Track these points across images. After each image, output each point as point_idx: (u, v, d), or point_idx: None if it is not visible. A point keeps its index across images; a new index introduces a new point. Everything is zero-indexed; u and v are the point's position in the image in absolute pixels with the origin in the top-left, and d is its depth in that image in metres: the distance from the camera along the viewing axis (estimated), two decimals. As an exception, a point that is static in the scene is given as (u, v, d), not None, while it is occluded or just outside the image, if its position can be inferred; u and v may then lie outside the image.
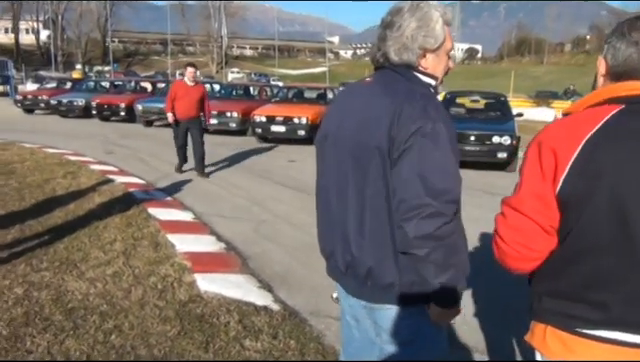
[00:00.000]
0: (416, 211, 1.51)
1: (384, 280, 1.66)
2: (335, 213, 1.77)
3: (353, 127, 1.71)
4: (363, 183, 1.66)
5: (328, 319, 3.69)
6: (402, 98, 1.60)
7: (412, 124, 1.54)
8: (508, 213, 1.46)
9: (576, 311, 1.40)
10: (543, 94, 34.86)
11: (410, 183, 1.53)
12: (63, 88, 23.04)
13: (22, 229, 5.27)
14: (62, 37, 71.14)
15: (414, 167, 1.53)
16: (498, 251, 1.50)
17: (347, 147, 1.71)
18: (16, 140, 11.86)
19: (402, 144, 1.55)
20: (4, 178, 7.68)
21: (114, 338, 3.24)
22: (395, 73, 1.71)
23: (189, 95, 8.55)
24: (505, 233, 1.46)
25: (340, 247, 1.76)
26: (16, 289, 3.86)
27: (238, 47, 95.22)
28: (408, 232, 1.52)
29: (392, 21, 1.69)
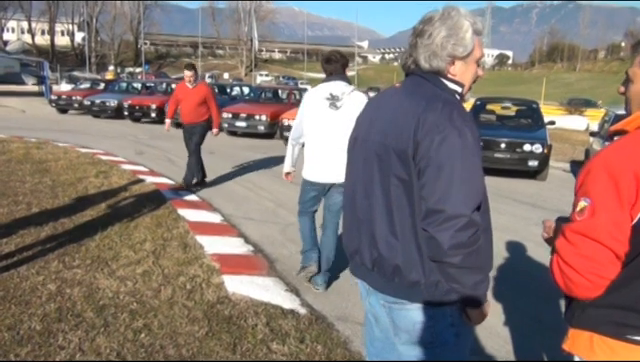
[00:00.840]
0: (451, 222, 1.53)
1: (410, 278, 1.68)
2: (361, 211, 1.81)
3: (380, 130, 1.76)
4: (388, 184, 1.69)
5: (355, 325, 3.67)
6: (426, 103, 1.64)
7: (438, 133, 1.57)
8: (578, 241, 1.41)
9: (629, 320, 1.40)
10: (576, 102, 34.15)
11: (442, 194, 1.55)
12: (96, 89, 23.54)
13: (55, 226, 5.39)
14: (96, 39, 72.64)
15: (445, 178, 1.55)
16: (565, 281, 1.45)
17: (373, 149, 1.76)
18: (50, 139, 12.16)
19: (428, 152, 1.58)
20: (39, 176, 7.87)
21: (143, 337, 3.28)
22: (423, 79, 1.75)
23: (188, 98, 7.72)
24: (576, 262, 1.41)
25: (367, 244, 1.79)
26: (49, 285, 3.94)
27: (267, 50, 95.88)
28: (442, 243, 1.54)
29: (423, 29, 1.73)
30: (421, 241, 1.64)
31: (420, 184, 1.61)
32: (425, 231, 1.59)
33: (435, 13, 1.74)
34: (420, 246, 1.65)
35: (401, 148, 1.64)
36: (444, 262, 1.57)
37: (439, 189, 1.55)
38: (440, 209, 1.54)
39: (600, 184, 1.39)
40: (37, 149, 10.53)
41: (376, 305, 1.85)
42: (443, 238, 1.54)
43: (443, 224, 1.54)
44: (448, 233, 1.53)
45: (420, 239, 1.64)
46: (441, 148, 1.55)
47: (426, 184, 1.58)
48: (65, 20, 76.24)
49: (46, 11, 73.05)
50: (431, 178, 1.57)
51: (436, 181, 1.56)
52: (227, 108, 16.05)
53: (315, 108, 4.15)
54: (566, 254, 1.43)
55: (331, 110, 4.08)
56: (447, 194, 1.54)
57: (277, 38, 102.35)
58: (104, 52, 73.85)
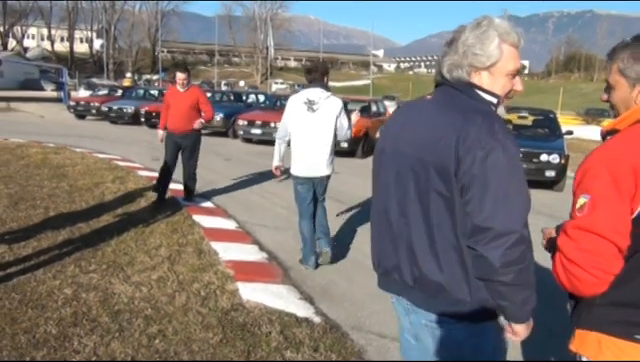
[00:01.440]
0: (501, 240, 1.50)
1: (455, 296, 1.64)
2: (397, 228, 1.76)
3: (414, 143, 1.70)
4: (427, 200, 1.65)
5: (370, 335, 3.65)
6: (465, 117, 1.58)
7: (481, 148, 1.52)
8: (579, 236, 1.41)
9: (636, 318, 1.40)
10: (593, 111, 33.81)
11: (490, 211, 1.51)
12: (114, 95, 23.83)
13: (72, 231, 5.43)
14: (114, 46, 73.62)
15: (492, 195, 1.51)
16: (570, 278, 1.45)
17: (408, 163, 1.71)
18: (68, 144, 12.30)
19: (472, 168, 1.53)
20: (56, 181, 7.95)
21: (158, 342, 3.28)
22: (455, 90, 1.70)
23: (179, 102, 6.90)
24: (578, 257, 1.41)
25: (407, 262, 1.73)
26: (65, 289, 3.97)
27: (283, 58, 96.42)
28: (493, 261, 1.50)
29: (453, 38, 1.70)
30: (465, 258, 1.60)
31: (464, 201, 1.56)
32: (472, 249, 1.55)
33: (466, 25, 1.71)
34: (464, 263, 1.61)
35: (441, 164, 1.59)
36: (495, 280, 1.53)
37: (486, 206, 1.51)
38: (489, 227, 1.51)
39: (599, 179, 1.41)
40: (55, 154, 10.66)
41: (417, 324, 1.79)
42: (493, 256, 1.50)
43: (493, 242, 1.50)
44: (498, 251, 1.50)
45: (465, 256, 1.60)
46: (485, 164, 1.51)
47: (471, 201, 1.54)
48: (84, 27, 77.39)
49: (66, 18, 74.32)
50: (477, 195, 1.53)
51: (482, 198, 1.52)
52: (243, 115, 16.13)
53: (296, 111, 4.79)
54: (568, 250, 1.44)
55: (309, 113, 4.72)
56: (495, 211, 1.50)
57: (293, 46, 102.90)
58: (122, 59, 74.77)
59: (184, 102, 6.92)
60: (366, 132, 13.59)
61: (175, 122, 6.96)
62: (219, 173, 9.26)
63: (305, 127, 4.74)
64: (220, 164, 9.36)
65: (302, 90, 4.91)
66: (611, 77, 1.61)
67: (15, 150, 10.89)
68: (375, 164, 1.90)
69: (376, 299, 4.25)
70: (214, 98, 21.51)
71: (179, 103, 6.91)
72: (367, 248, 5.86)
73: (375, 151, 1.91)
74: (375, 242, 1.91)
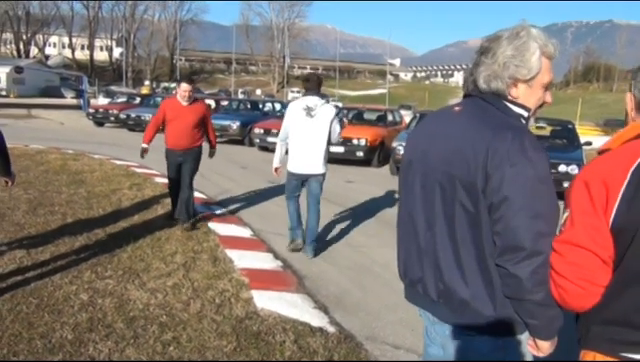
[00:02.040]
0: (532, 260, 1.48)
1: (479, 312, 1.62)
2: (424, 241, 1.74)
3: (442, 156, 1.67)
4: (453, 215, 1.63)
5: (384, 345, 3.62)
6: (495, 132, 1.55)
7: (510, 165, 1.50)
8: (564, 249, 1.43)
9: (622, 335, 1.40)
10: (612, 122, 33.35)
11: (522, 230, 1.49)
12: (132, 103, 24.09)
13: (89, 237, 5.48)
14: (133, 54, 74.66)
15: (522, 214, 1.49)
16: (558, 291, 1.47)
17: (435, 176, 1.68)
18: (86, 151, 12.46)
19: (501, 186, 1.50)
20: (74, 187, 8.04)
21: (172, 350, 3.28)
22: (484, 102, 1.67)
23: (182, 117, 6.09)
24: (565, 270, 1.43)
25: (431, 275, 1.72)
26: (82, 295, 4.00)
27: (299, 67, 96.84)
28: (525, 281, 1.48)
29: (488, 47, 1.66)
30: (492, 275, 1.57)
31: (493, 219, 1.54)
32: (501, 268, 1.53)
33: (504, 31, 1.66)
34: (489, 280, 1.59)
35: (469, 180, 1.56)
36: (525, 299, 1.51)
37: (516, 225, 1.49)
38: (519, 246, 1.48)
39: (575, 194, 1.45)
40: (74, 160, 10.79)
41: (443, 335, 1.78)
42: (524, 275, 1.48)
43: (524, 261, 1.48)
44: (528, 270, 1.48)
45: (491, 273, 1.58)
46: (515, 182, 1.49)
47: (501, 220, 1.51)
48: (104, 36, 78.62)
49: (86, 27, 75.54)
50: (506, 214, 1.50)
51: (512, 217, 1.49)
52: (259, 124, 16.20)
53: (295, 116, 5.36)
54: (556, 264, 1.46)
55: (307, 118, 5.29)
56: (525, 231, 1.48)
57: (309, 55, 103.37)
58: (140, 67, 75.82)
59: (189, 117, 6.11)
60: (382, 141, 13.57)
61: (178, 139, 6.13)
62: (235, 181, 9.29)
63: (304, 130, 5.33)
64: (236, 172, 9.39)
65: (300, 97, 5.52)
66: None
67: (35, 156, 11.06)
68: (402, 175, 1.89)
69: (391, 310, 4.22)
70: (231, 106, 21.70)
71: (183, 118, 6.09)
72: (382, 258, 5.88)
73: (402, 162, 1.90)
74: (401, 253, 1.89)
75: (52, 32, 76.58)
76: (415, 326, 3.89)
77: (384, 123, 15.15)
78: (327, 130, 5.33)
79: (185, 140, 6.15)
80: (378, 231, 6.79)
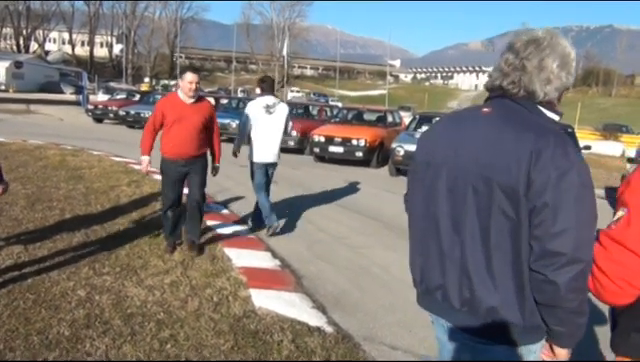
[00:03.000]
0: (571, 266, 1.46)
1: (507, 320, 1.58)
2: (448, 247, 1.68)
3: (476, 160, 1.62)
4: (488, 220, 1.57)
5: (382, 346, 3.61)
6: (536, 136, 1.52)
7: (554, 169, 1.47)
8: (613, 247, 1.43)
9: None
10: (611, 127, 33.45)
11: (564, 236, 1.46)
12: (131, 100, 24.03)
13: (87, 233, 5.47)
14: (133, 51, 74.48)
15: (564, 219, 1.46)
16: (595, 284, 1.47)
17: (468, 180, 1.62)
18: (85, 147, 12.43)
19: (545, 190, 1.47)
20: (73, 183, 8.02)
21: (169, 347, 3.27)
22: (517, 105, 1.64)
23: (186, 118, 4.95)
24: (607, 267, 1.43)
25: (456, 282, 1.66)
26: (79, 291, 3.99)
27: (299, 67, 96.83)
28: (562, 287, 1.47)
29: (532, 53, 1.62)
30: (524, 282, 1.54)
31: (534, 223, 1.50)
32: (538, 273, 1.50)
33: (538, 36, 1.64)
34: (521, 287, 1.55)
35: (509, 184, 1.52)
36: (559, 306, 1.50)
37: (558, 230, 1.46)
38: (560, 252, 1.46)
39: (638, 195, 1.43)
40: (72, 156, 10.77)
41: (458, 343, 1.74)
42: (562, 282, 1.46)
43: (563, 268, 1.46)
44: (567, 277, 1.46)
45: (524, 280, 1.54)
46: (559, 187, 1.46)
47: (542, 224, 1.48)
48: (104, 32, 78.51)
49: (87, 23, 75.43)
50: (548, 218, 1.47)
51: (555, 222, 1.46)
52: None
53: (257, 114, 6.10)
54: (599, 258, 1.45)
55: (267, 115, 6.09)
56: (567, 236, 1.45)
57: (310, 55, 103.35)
58: (140, 64, 75.66)
59: (194, 118, 4.97)
60: (381, 142, 13.56)
61: (182, 146, 4.96)
62: (234, 180, 9.27)
63: (264, 126, 6.10)
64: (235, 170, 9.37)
65: (258, 97, 6.22)
66: None
67: (33, 151, 11.03)
68: (416, 177, 1.83)
69: (389, 310, 4.22)
70: (231, 105, 21.67)
71: (188, 119, 4.94)
72: (380, 259, 5.87)
73: (415, 163, 1.84)
74: (417, 258, 1.82)
75: (52, 28, 76.39)
76: (412, 327, 3.89)
77: (383, 124, 15.14)
78: (283, 125, 6.21)
79: (191, 147, 4.99)
80: (377, 232, 6.79)
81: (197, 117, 4.99)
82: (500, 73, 1.68)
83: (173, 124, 4.93)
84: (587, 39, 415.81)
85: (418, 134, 12.85)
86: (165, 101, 5.16)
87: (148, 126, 5.07)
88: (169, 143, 4.97)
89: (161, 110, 4.99)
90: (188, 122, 4.94)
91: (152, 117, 5.06)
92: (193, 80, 4.94)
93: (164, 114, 4.96)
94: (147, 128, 5.08)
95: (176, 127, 4.93)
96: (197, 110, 5.02)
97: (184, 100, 4.99)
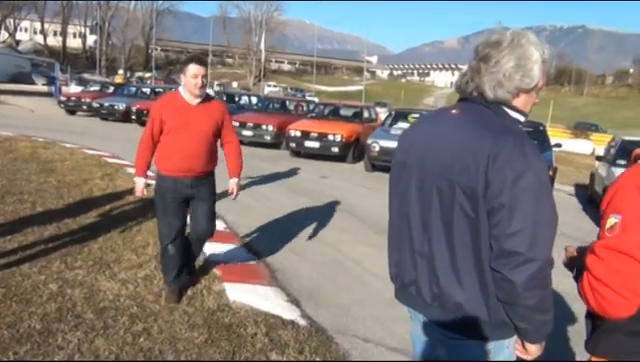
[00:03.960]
0: (528, 265, 1.49)
1: (473, 316, 1.62)
2: (419, 244, 1.73)
3: (440, 160, 1.66)
4: (451, 219, 1.62)
5: (355, 339, 3.67)
6: (495, 137, 1.55)
7: (511, 170, 1.50)
8: (610, 256, 1.40)
9: None
10: (582, 125, 34.16)
11: (520, 236, 1.49)
12: (105, 92, 23.69)
13: (59, 227, 5.40)
14: (107, 42, 73.28)
15: (521, 219, 1.49)
16: (597, 299, 1.43)
17: (433, 180, 1.67)
18: (57, 139, 12.23)
19: (502, 191, 1.50)
20: (44, 176, 7.90)
21: (142, 341, 3.27)
22: (484, 107, 1.67)
23: (192, 124, 3.90)
24: (608, 278, 1.40)
25: (426, 279, 1.70)
26: (51, 285, 3.95)
27: (276, 61, 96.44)
28: (519, 286, 1.50)
29: (489, 54, 1.64)
30: (487, 279, 1.58)
31: (492, 223, 1.54)
32: (497, 272, 1.54)
33: (502, 37, 1.64)
34: (485, 284, 1.59)
35: (469, 185, 1.56)
36: (518, 304, 1.54)
37: (515, 230, 1.49)
38: (516, 251, 1.49)
39: (631, 201, 1.41)
40: (44, 149, 10.59)
41: (433, 337, 1.79)
42: (519, 280, 1.49)
43: (520, 267, 1.49)
44: (524, 276, 1.49)
45: (486, 277, 1.59)
46: (516, 187, 1.49)
47: (499, 224, 1.52)
48: (78, 22, 77.02)
49: (59, 13, 73.88)
50: (505, 218, 1.50)
51: (511, 222, 1.49)
52: (235, 117, 16.08)
53: None
54: (597, 270, 1.42)
55: None
56: (523, 236, 1.48)
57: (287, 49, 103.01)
58: (115, 56, 74.47)
59: (202, 123, 3.89)
60: (357, 138, 13.64)
61: (186, 160, 3.87)
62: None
63: None
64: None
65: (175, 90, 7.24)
66: None
67: (3, 143, 10.80)
68: (394, 176, 1.87)
69: (362, 304, 4.29)
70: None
71: (193, 125, 3.86)
72: (354, 254, 5.93)
73: (394, 162, 1.88)
74: (393, 254, 1.87)
75: (24, 17, 74.53)
76: (385, 321, 3.96)
77: (360, 120, 15.22)
78: None
79: (198, 161, 3.92)
80: (351, 227, 6.85)
81: (206, 122, 3.92)
82: (466, 76, 1.72)
83: (175, 132, 3.83)
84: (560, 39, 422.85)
85: (394, 130, 13.01)
86: (164, 102, 4.03)
87: (144, 138, 3.96)
88: (170, 157, 3.87)
89: (159, 114, 3.87)
90: (194, 129, 3.84)
91: (148, 125, 3.94)
92: (199, 73, 3.80)
93: (163, 119, 3.85)
94: (143, 140, 3.98)
95: (179, 135, 3.83)
96: (205, 113, 3.92)
97: (188, 100, 3.87)
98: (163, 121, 3.87)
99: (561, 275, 1.95)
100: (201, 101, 3.92)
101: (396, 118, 14.07)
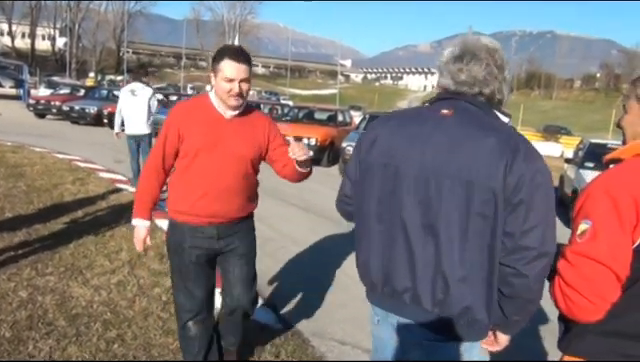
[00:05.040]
0: (541, 260, 1.53)
1: (476, 318, 1.63)
2: (420, 248, 1.66)
3: (447, 161, 1.62)
4: (466, 221, 1.59)
5: (331, 342, 3.68)
6: (508, 137, 1.60)
7: (528, 171, 1.54)
8: (580, 262, 1.43)
9: (634, 350, 1.42)
10: (551, 128, 34.90)
11: (535, 231, 1.53)
12: (76, 95, 23.29)
13: (29, 232, 5.29)
14: (77, 45, 71.95)
15: (535, 216, 1.53)
16: (567, 303, 1.47)
17: (442, 182, 1.62)
18: (26, 143, 11.97)
19: (522, 188, 1.53)
20: (13, 180, 7.73)
21: (116, 347, 3.23)
22: (476, 108, 1.69)
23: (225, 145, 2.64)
24: (578, 284, 1.42)
25: (428, 284, 1.65)
26: (21, 292, 3.87)
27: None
28: (532, 279, 1.54)
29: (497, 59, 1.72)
30: (494, 281, 1.60)
31: (507, 221, 1.56)
32: (508, 267, 1.57)
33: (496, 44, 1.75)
34: (491, 285, 1.60)
35: (489, 185, 1.55)
36: (526, 298, 1.58)
37: (531, 226, 1.53)
38: (532, 246, 1.53)
39: (601, 207, 1.43)
40: (12, 153, 10.36)
41: (407, 342, 1.75)
42: (532, 274, 1.53)
43: (534, 261, 1.53)
44: (536, 269, 1.53)
45: (493, 279, 1.60)
46: (532, 184, 1.53)
47: (515, 221, 1.55)
48: (47, 24, 75.48)
49: (28, 14, 72.24)
50: (522, 216, 1.54)
51: (527, 219, 1.53)
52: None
53: (125, 97, 7.97)
54: (568, 276, 1.45)
55: (133, 97, 7.90)
56: (538, 231, 1.53)
57: (261, 53, 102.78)
58: (85, 58, 73.19)
59: (239, 144, 2.69)
60: (332, 141, 13.69)
61: (216, 199, 2.67)
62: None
63: (131, 105, 7.90)
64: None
65: (128, 84, 8.29)
66: (628, 102, 1.64)
67: (-30, 148, 10.53)
68: (367, 177, 1.80)
69: (338, 307, 4.30)
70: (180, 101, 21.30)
71: (226, 146, 2.65)
72: (330, 257, 5.92)
73: (361, 162, 1.83)
74: (374, 260, 1.78)
75: (-10, 18, 72.92)
76: (361, 323, 3.97)
77: (334, 123, 15.27)
78: (146, 104, 7.93)
79: (232, 200, 2.71)
80: (327, 230, 6.86)
81: (244, 143, 2.68)
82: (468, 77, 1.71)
83: (199, 155, 2.60)
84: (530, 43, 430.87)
85: (368, 134, 13.09)
86: (184, 111, 2.70)
87: (149, 163, 2.71)
88: (189, 193, 2.64)
89: (176, 128, 2.62)
90: (227, 151, 2.62)
91: (158, 144, 2.67)
92: (237, 76, 2.56)
93: (181, 135, 2.61)
94: (147, 166, 2.73)
95: (205, 161, 2.60)
96: (244, 130, 2.69)
97: (220, 111, 2.65)
98: (181, 138, 2.59)
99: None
100: (239, 114, 2.67)
101: (370, 121, 14.14)
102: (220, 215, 2.68)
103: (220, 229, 2.71)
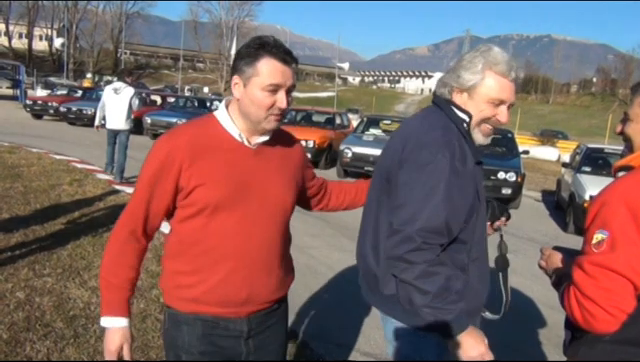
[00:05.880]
0: (396, 235, 1.60)
1: (387, 291, 1.74)
2: (362, 224, 1.95)
3: (383, 153, 1.89)
4: (376, 201, 1.84)
5: (329, 344, 3.68)
6: (420, 128, 1.73)
7: (410, 153, 1.66)
8: (599, 273, 1.40)
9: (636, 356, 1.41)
10: (549, 133, 35.01)
11: (397, 210, 1.63)
12: (73, 96, 23.24)
13: (26, 233, 5.28)
14: (75, 46, 71.84)
15: (403, 194, 1.63)
16: (585, 315, 1.43)
17: (376, 170, 1.92)
18: (24, 144, 11.95)
19: (400, 170, 1.68)
20: (10, 181, 7.71)
21: (114, 349, 3.22)
22: (436, 106, 1.82)
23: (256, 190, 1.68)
24: (598, 296, 1.39)
25: (360, 255, 1.93)
26: (18, 293, 3.86)
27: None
28: (385, 251, 1.66)
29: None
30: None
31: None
32: None
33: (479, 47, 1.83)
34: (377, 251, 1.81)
35: (386, 169, 1.78)
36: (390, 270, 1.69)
37: (396, 205, 1.65)
38: (392, 221, 1.65)
39: (619, 217, 1.39)
40: (9, 153, 10.34)
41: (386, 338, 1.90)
42: (386, 247, 1.66)
43: (391, 236, 1.63)
44: (389, 243, 1.63)
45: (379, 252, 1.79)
46: (406, 166, 1.65)
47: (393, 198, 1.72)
48: (44, 25, 75.36)
49: (25, 14, 72.13)
50: (396, 194, 1.68)
51: (398, 197, 1.66)
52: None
53: (108, 94, 8.93)
54: (586, 287, 1.42)
55: (115, 95, 8.82)
56: (399, 210, 1.63)
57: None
58: (82, 59, 73.08)
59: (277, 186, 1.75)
60: (330, 143, 13.69)
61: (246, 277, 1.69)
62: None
63: (113, 102, 8.82)
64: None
65: (114, 83, 9.17)
66: (632, 110, 1.61)
67: (-33, 148, 10.50)
68: None
69: (336, 310, 4.30)
70: (178, 103, 21.31)
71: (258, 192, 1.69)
72: (327, 259, 5.93)
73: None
74: None
75: (-13, 18, 72.75)
76: (358, 325, 3.98)
77: (332, 126, 15.28)
78: (128, 102, 8.79)
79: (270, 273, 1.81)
80: (323, 232, 6.87)
81: (284, 182, 1.81)
82: None
83: (221, 212, 1.65)
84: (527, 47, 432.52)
85: (366, 136, 13.12)
86: (187, 143, 1.63)
87: (124, 225, 1.72)
88: (206, 271, 1.68)
89: (174, 172, 1.62)
90: (264, 200, 1.73)
91: (139, 196, 1.68)
92: (283, 82, 1.64)
93: (185, 183, 1.63)
94: (120, 230, 1.72)
95: (231, 219, 1.67)
96: (280, 163, 1.81)
97: (240, 139, 1.70)
98: (184, 188, 1.64)
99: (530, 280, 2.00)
100: (268, 141, 1.75)
101: (368, 124, 14.19)
102: (256, 299, 1.74)
103: (253, 322, 1.75)
